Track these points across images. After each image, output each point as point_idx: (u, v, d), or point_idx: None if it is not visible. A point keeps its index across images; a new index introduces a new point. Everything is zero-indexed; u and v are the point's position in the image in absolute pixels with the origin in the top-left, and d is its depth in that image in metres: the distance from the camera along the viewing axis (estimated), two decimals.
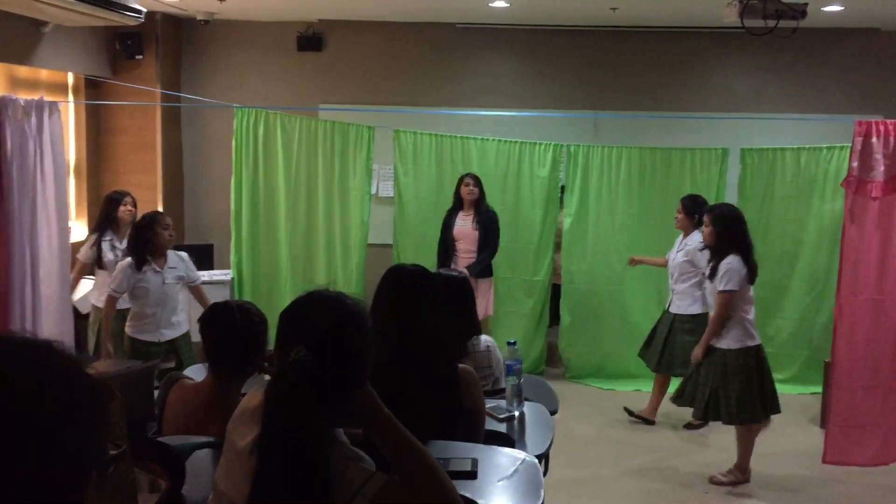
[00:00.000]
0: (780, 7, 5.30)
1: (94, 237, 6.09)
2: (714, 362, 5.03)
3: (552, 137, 7.44)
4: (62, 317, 5.82)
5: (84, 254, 6.08)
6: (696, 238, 5.69)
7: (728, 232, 4.97)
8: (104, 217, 6.13)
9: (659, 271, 7.45)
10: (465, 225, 6.84)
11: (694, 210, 5.81)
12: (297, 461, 1.81)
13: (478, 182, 6.82)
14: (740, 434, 5.13)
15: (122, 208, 6.10)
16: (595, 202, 7.29)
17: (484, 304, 6.67)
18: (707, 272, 5.08)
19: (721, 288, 4.89)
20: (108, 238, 6.06)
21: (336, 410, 1.88)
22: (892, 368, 5.22)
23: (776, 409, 5.20)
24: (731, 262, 4.88)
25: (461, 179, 6.87)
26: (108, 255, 6.01)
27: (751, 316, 5.03)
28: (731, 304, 4.92)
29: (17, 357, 1.04)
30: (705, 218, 5.12)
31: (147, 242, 5.27)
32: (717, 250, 5.00)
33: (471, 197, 6.79)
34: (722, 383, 5.00)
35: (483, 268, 6.80)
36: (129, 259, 5.31)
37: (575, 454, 5.39)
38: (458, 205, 6.90)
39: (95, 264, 6.07)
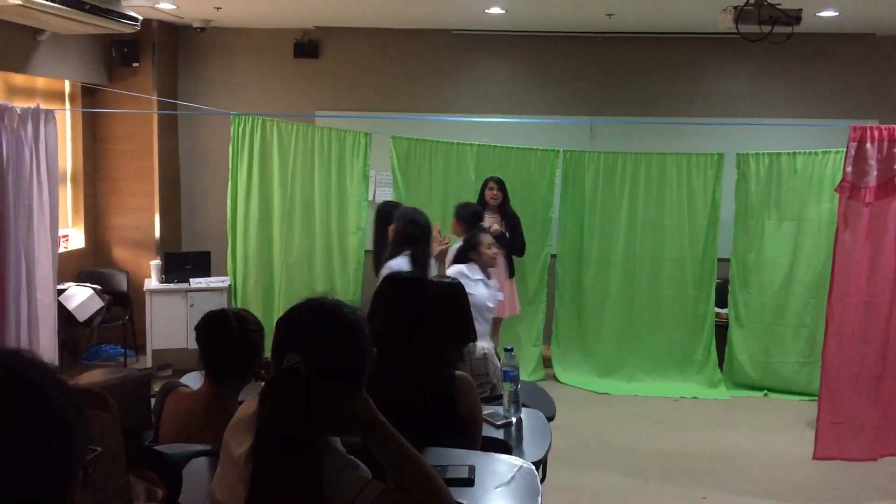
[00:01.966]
0: (775, 13, 5.31)
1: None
2: None
3: (548, 143, 7.45)
4: (53, 324, 5.84)
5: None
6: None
7: (405, 231, 5.14)
8: (385, 231, 5.96)
9: (657, 281, 7.47)
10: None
11: (464, 217, 6.05)
12: (291, 469, 1.81)
13: (501, 186, 6.99)
14: None
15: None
16: (591, 208, 7.31)
17: (513, 303, 6.98)
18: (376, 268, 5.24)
19: None
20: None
21: (332, 418, 1.87)
22: (879, 367, 5.28)
23: None
24: (398, 262, 5.01)
25: (485, 183, 7.03)
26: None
27: None
28: None
29: None
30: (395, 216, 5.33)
31: (471, 262, 5.53)
32: (394, 246, 5.18)
33: (495, 201, 6.97)
34: None
35: (510, 267, 6.99)
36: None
37: (572, 460, 5.38)
38: (481, 207, 7.02)
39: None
